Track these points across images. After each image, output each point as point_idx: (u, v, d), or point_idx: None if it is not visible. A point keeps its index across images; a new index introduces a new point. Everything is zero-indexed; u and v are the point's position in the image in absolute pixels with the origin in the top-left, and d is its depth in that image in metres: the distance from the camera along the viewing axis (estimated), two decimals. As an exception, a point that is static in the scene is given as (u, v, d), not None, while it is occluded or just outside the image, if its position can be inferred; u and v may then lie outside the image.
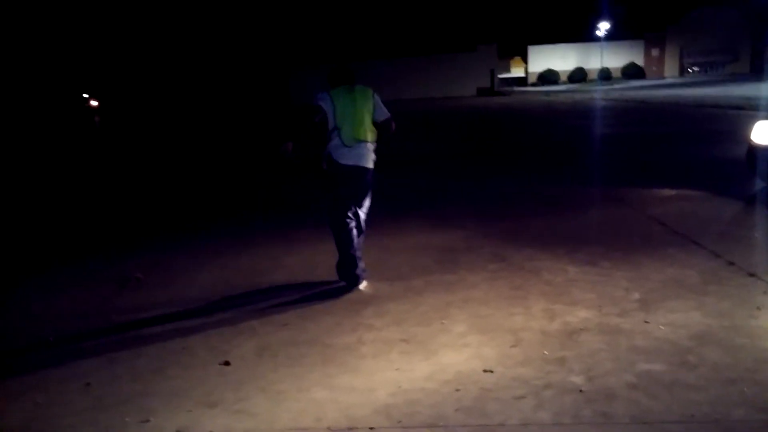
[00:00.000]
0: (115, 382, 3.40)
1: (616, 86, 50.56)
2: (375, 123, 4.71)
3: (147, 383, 3.36)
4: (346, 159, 4.55)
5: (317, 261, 5.37)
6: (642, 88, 43.24)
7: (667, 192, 7.54)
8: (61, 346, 3.95)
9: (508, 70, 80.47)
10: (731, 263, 4.69)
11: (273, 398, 3.11)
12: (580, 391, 2.98)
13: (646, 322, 3.74)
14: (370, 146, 4.67)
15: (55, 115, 54.86)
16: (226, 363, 3.53)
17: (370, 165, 4.67)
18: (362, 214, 4.77)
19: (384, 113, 4.73)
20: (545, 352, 3.42)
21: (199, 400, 3.13)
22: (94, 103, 66.47)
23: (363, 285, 4.69)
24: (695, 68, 71.18)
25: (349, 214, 4.68)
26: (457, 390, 3.07)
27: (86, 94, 67.61)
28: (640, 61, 71.24)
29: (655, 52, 71.68)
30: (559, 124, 20.06)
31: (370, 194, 4.77)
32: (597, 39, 64.64)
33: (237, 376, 3.37)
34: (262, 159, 14.10)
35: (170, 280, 5.22)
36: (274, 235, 6.56)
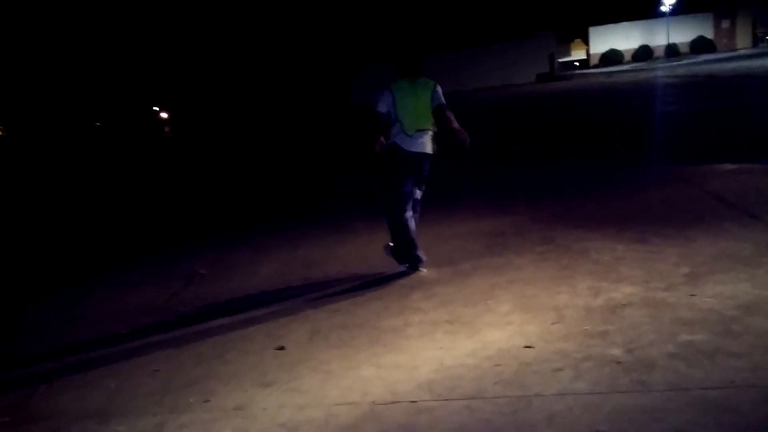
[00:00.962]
0: (181, 367, 3.69)
1: (684, 62, 48.50)
2: (435, 115, 4.83)
3: (209, 368, 3.63)
4: (410, 146, 4.76)
5: (369, 251, 5.55)
6: (711, 62, 41.24)
7: (728, 167, 7.31)
8: (133, 338, 4.28)
9: (568, 54, 78.45)
10: (789, 234, 4.56)
11: (323, 377, 3.31)
12: (619, 362, 3.03)
13: (692, 295, 3.72)
14: (430, 134, 4.84)
15: (130, 127, 57.65)
16: (281, 348, 3.75)
17: (431, 151, 4.85)
18: (418, 196, 4.95)
19: (441, 99, 4.84)
20: (587, 327, 3.47)
21: (255, 381, 3.36)
22: (164, 115, 69.51)
23: (424, 269, 4.83)
24: (770, 37, 67.29)
25: (407, 200, 4.85)
26: (498, 365, 3.17)
27: (156, 106, 70.74)
28: (709, 35, 67.87)
29: (725, 24, 68.16)
30: (618, 106, 19.50)
31: (425, 182, 4.95)
32: (662, 15, 62.11)
33: (290, 358, 3.59)
34: (322, 157, 14.46)
35: (231, 274, 5.53)
36: (328, 228, 6.80)
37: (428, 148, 4.83)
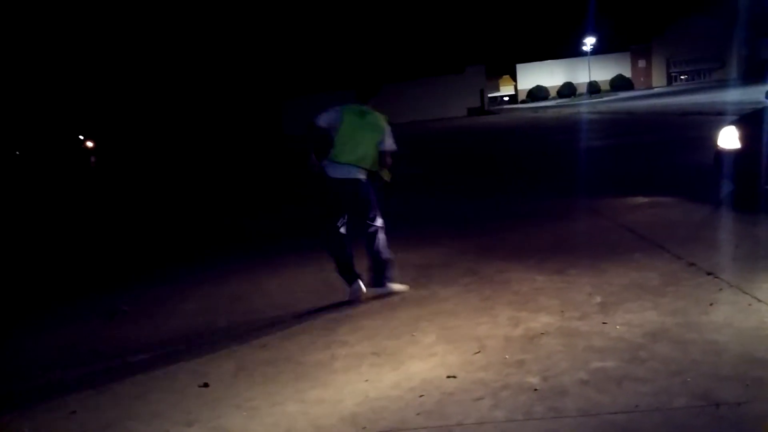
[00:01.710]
0: (99, 408, 3.58)
1: (604, 99, 51.16)
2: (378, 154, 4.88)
3: (129, 408, 3.53)
4: (335, 173, 4.79)
5: (297, 284, 5.56)
6: (629, 99, 43.78)
7: (640, 200, 7.76)
8: (49, 378, 4.12)
9: (497, 89, 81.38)
10: (692, 264, 4.88)
11: (247, 414, 3.29)
12: (535, 389, 3.16)
13: (603, 323, 3.92)
14: (356, 168, 4.82)
15: (52, 156, 55.42)
16: (205, 385, 3.70)
17: (359, 176, 4.82)
18: (378, 222, 4.93)
19: (389, 145, 4.92)
20: (506, 356, 3.60)
21: (178, 420, 3.31)
22: (89, 144, 67.25)
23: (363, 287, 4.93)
24: (683, 77, 71.99)
25: (339, 223, 4.90)
26: (421, 396, 3.24)
27: (81, 135, 68.42)
28: (627, 73, 72.11)
29: (641, 63, 72.56)
30: (543, 140, 20.38)
31: (369, 204, 4.89)
32: (584, 54, 65.55)
33: (214, 395, 3.55)
34: (255, 188, 14.35)
35: (155, 310, 5.41)
36: (257, 262, 6.76)
37: (354, 174, 4.80)
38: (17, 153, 65.22)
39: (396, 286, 5.02)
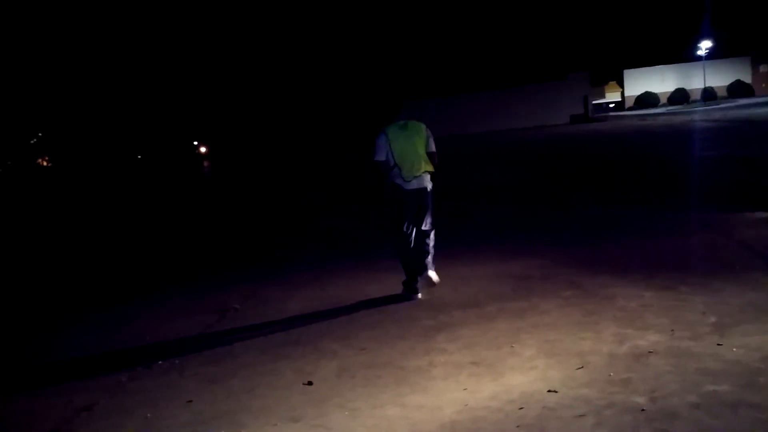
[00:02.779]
0: (213, 400, 3.83)
1: (721, 105, 48.08)
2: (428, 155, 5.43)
3: (239, 401, 3.76)
4: (409, 186, 5.33)
5: (395, 290, 5.66)
6: (749, 106, 40.85)
7: (761, 215, 7.27)
8: (168, 369, 4.45)
9: (602, 96, 78.48)
10: (819, 286, 4.54)
11: (349, 414, 3.41)
12: (642, 410, 3.06)
13: (718, 344, 3.73)
14: (427, 176, 5.36)
15: (169, 161, 59.33)
16: (309, 383, 3.87)
17: (428, 186, 5.41)
18: (427, 227, 5.43)
19: (431, 147, 5.42)
20: (611, 374, 3.51)
21: (284, 415, 3.48)
22: (203, 149, 71.31)
23: (415, 297, 5.39)
24: (811, 82, 66.33)
25: (410, 233, 5.38)
26: (521, 408, 3.23)
27: (196, 141, 72.69)
28: (747, 79, 67.38)
29: (763, 68, 67.65)
30: (653, 149, 19.44)
31: (430, 212, 5.45)
32: (698, 58, 61.96)
33: (318, 394, 3.70)
34: (356, 192, 14.70)
35: (262, 309, 5.70)
36: (356, 266, 6.94)
37: (425, 183, 5.38)
38: (139, 157, 70.44)
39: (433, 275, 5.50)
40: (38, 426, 3.78)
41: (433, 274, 5.50)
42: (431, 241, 5.50)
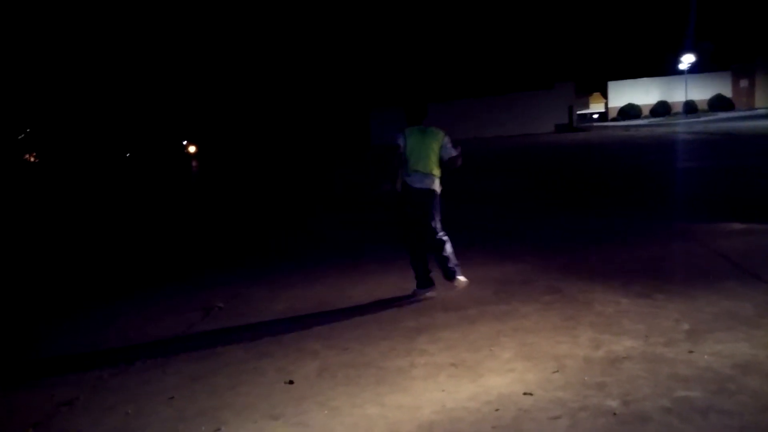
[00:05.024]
0: (195, 396, 3.85)
1: (701, 119, 48.81)
2: (442, 161, 5.49)
3: (222, 398, 3.79)
4: (414, 182, 5.42)
5: (380, 292, 5.72)
6: (729, 120, 41.49)
7: (737, 226, 7.43)
8: (151, 366, 4.46)
9: (587, 106, 79.28)
10: (790, 296, 4.67)
11: (329, 413, 3.46)
12: (615, 414, 3.15)
13: (690, 351, 3.83)
14: (431, 177, 5.43)
15: (158, 160, 58.99)
16: (291, 382, 3.92)
17: (434, 188, 5.46)
18: (435, 225, 5.48)
19: (450, 153, 5.48)
20: (586, 377, 3.60)
21: (265, 413, 3.52)
22: (192, 148, 70.98)
23: (430, 293, 5.50)
24: (790, 98, 67.43)
25: (418, 229, 5.45)
26: (497, 410, 3.30)
27: (185, 140, 72.36)
28: (727, 93, 68.39)
29: (743, 83, 68.70)
30: (635, 159, 19.70)
31: (438, 212, 5.50)
32: (680, 72, 62.77)
33: (299, 393, 3.75)
34: (343, 195, 14.74)
35: (247, 309, 5.72)
36: (342, 268, 6.99)
37: (428, 184, 5.43)
38: (127, 155, 69.94)
39: (462, 278, 5.53)
40: (18, 420, 3.78)
41: (461, 278, 5.51)
42: (449, 247, 5.48)
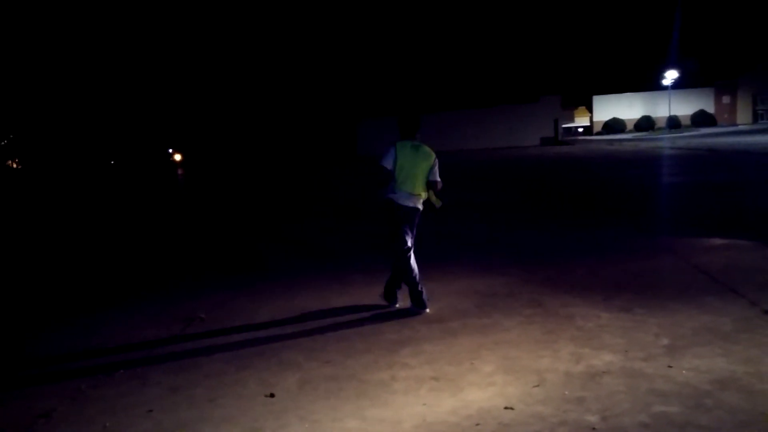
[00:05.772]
0: (174, 408, 3.82)
1: (684, 134, 49.47)
2: (427, 181, 5.50)
3: (201, 410, 3.76)
4: (401, 200, 5.42)
5: (363, 304, 5.72)
6: (711, 135, 42.16)
7: (717, 241, 7.53)
8: (130, 377, 4.41)
9: (572, 120, 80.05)
10: (767, 312, 4.73)
11: (309, 427, 3.44)
12: (593, 429, 3.17)
13: (669, 366, 3.87)
14: (417, 197, 5.45)
15: (143, 168, 58.59)
16: (272, 395, 3.89)
17: (419, 206, 5.50)
18: (405, 239, 5.46)
19: (435, 177, 5.51)
20: (566, 392, 3.62)
21: (245, 426, 3.50)
22: (177, 157, 70.68)
23: (427, 310, 5.43)
24: (771, 114, 68.53)
25: (411, 248, 5.44)
26: (477, 424, 3.30)
27: (170, 148, 72.11)
28: (710, 109, 69.49)
29: (726, 99, 69.81)
30: (619, 173, 19.92)
31: (415, 228, 5.56)
32: (664, 87, 63.73)
33: (280, 406, 3.73)
34: (328, 205, 14.71)
35: (229, 320, 5.68)
36: (326, 279, 6.97)
37: (414, 203, 5.46)
38: (112, 162, 69.43)
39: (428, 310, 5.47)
40: (-7, 432, 3.72)
41: (428, 310, 5.46)
42: (415, 266, 5.50)
